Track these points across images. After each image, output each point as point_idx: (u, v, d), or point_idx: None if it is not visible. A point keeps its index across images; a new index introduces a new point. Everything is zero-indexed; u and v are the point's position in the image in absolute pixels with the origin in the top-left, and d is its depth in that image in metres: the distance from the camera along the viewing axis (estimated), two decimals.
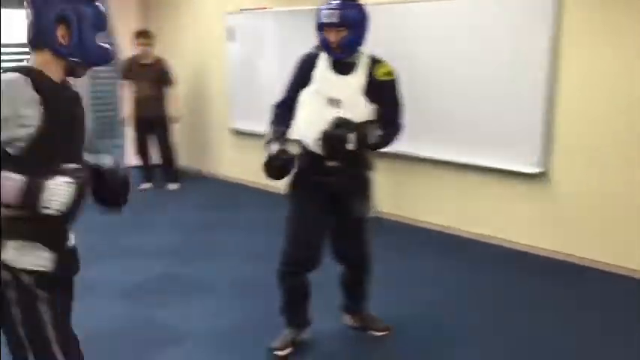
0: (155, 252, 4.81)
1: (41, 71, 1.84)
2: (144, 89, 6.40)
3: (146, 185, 6.78)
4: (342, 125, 2.85)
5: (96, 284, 4.11)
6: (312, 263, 3.09)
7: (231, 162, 7.05)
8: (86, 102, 2.35)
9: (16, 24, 5.29)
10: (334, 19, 2.83)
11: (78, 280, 2.14)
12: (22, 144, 1.79)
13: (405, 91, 3.08)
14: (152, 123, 6.50)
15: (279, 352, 3.20)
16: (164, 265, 4.54)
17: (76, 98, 2.00)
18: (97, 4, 1.94)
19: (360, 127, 2.85)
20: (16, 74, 1.77)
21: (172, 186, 6.69)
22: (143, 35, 6.39)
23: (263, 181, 6.51)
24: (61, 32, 1.84)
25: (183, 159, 7.30)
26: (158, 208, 6.09)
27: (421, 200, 5.32)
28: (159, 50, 6.61)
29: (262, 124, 6.12)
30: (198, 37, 7.03)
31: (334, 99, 2.95)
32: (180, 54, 7.12)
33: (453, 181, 5.08)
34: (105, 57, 1.96)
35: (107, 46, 1.96)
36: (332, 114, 2.91)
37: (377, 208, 3.24)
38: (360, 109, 2.94)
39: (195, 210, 6.00)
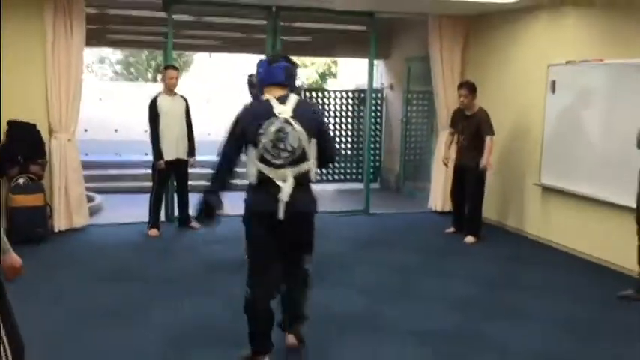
0: (451, 301, 4.77)
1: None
2: (463, 139, 6.53)
3: (451, 230, 6.87)
4: None
5: (392, 323, 4.25)
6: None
7: (537, 219, 6.70)
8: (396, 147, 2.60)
9: None
10: None
11: (372, 316, 2.21)
12: None
13: None
14: (466, 172, 6.54)
15: None
16: (460, 316, 4.46)
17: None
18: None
19: None
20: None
21: (469, 239, 6.57)
22: (461, 87, 6.52)
23: (571, 243, 6.14)
24: None
25: (489, 211, 7.18)
26: (457, 256, 6.07)
27: None
28: (482, 100, 6.62)
29: (574, 183, 5.88)
30: (519, 89, 6.90)
31: None
32: (501, 105, 7.06)
33: None
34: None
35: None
36: None
37: None
38: None
39: (493, 264, 5.82)
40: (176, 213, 7.00)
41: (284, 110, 3.28)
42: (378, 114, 10.27)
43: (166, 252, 5.98)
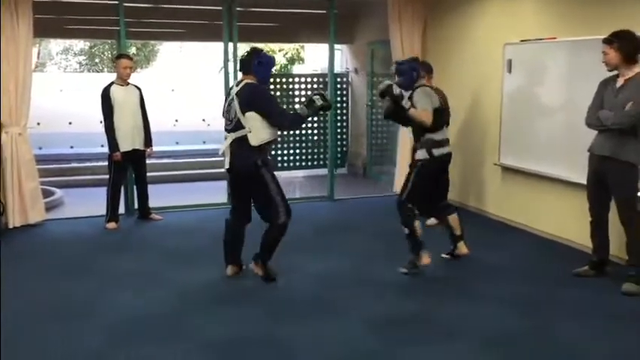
0: (402, 285, 4.76)
1: None
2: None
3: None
4: None
5: (343, 308, 4.21)
6: None
7: (498, 199, 6.71)
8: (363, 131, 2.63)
9: None
10: None
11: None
12: None
13: None
14: None
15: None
16: (412, 300, 4.45)
17: None
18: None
19: None
20: None
21: (431, 221, 6.54)
22: None
23: (530, 222, 6.16)
24: None
25: (451, 191, 7.16)
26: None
27: None
28: (443, 82, 6.56)
29: (532, 162, 5.87)
30: (478, 69, 6.87)
31: None
32: (460, 85, 7.03)
33: None
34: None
35: None
36: None
37: None
38: None
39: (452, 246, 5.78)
40: (136, 205, 6.88)
41: (234, 91, 4.56)
42: (344, 98, 10.18)
43: (122, 245, 5.87)
